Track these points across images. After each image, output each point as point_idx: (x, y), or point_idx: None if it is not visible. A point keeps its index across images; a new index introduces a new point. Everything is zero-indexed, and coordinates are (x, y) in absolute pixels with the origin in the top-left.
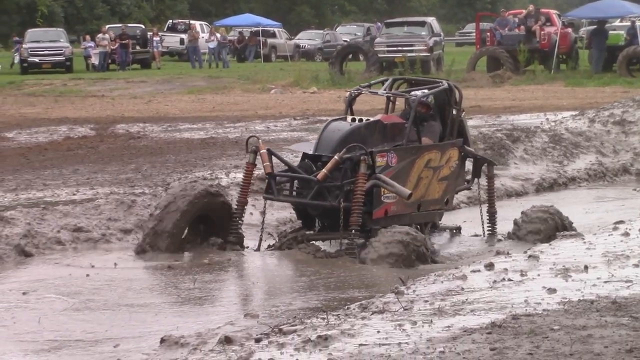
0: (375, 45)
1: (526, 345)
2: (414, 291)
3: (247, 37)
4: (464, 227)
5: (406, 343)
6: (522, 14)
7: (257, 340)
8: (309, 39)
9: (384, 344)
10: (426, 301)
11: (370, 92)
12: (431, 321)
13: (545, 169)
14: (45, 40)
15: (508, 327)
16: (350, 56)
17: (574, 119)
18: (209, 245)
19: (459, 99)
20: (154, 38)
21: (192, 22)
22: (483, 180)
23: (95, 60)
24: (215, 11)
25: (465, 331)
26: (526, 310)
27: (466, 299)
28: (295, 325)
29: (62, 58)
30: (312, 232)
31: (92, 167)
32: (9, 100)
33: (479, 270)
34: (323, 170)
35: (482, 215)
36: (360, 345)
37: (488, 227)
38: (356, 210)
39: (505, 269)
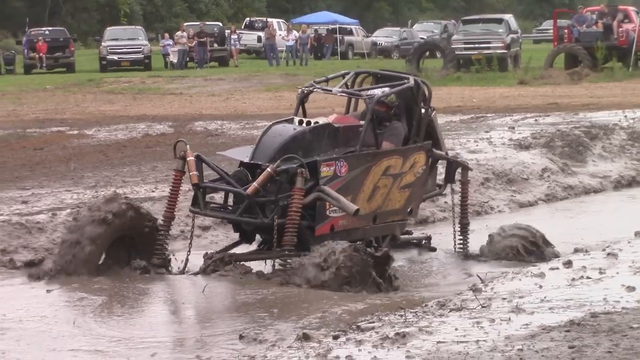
0: (452, 42)
1: (605, 344)
2: (491, 289)
3: (323, 35)
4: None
5: (484, 341)
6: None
7: (335, 337)
8: (386, 36)
9: (461, 342)
10: (504, 299)
11: (323, 89)
12: (509, 319)
13: (623, 167)
14: (124, 38)
15: (587, 325)
16: (427, 53)
17: None
18: (131, 269)
19: (427, 96)
20: (232, 36)
21: (269, 19)
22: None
23: (173, 58)
24: (293, 9)
25: (543, 329)
26: (605, 308)
27: (544, 297)
28: (373, 322)
29: (140, 56)
30: (241, 250)
31: (171, 164)
32: (89, 98)
33: (557, 268)
34: (254, 183)
35: (454, 227)
36: (438, 342)
37: (459, 240)
38: (290, 228)
39: (584, 267)
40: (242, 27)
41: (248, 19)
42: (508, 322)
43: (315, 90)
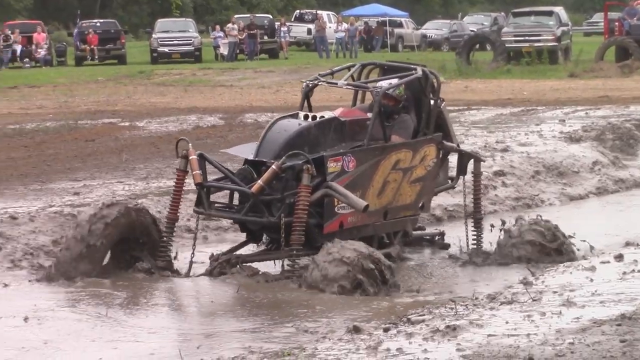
0: (502, 35)
1: None
2: (542, 282)
3: (373, 27)
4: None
5: (535, 334)
6: None
7: (386, 330)
8: (435, 28)
9: (512, 335)
10: (555, 292)
11: (327, 83)
12: (560, 312)
13: None
14: (175, 30)
15: (638, 319)
16: (478, 46)
17: None
18: (135, 272)
19: (437, 87)
20: (282, 28)
21: (319, 12)
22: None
23: (224, 50)
24: (343, 1)
25: (594, 323)
26: None
27: (595, 291)
28: (424, 315)
29: (191, 48)
30: (248, 251)
31: (221, 156)
32: (140, 90)
33: (608, 262)
34: (259, 181)
35: (466, 223)
36: (489, 335)
37: (473, 236)
38: (297, 227)
39: (635, 260)
40: (292, 19)
41: (298, 11)
42: (559, 316)
43: (320, 83)
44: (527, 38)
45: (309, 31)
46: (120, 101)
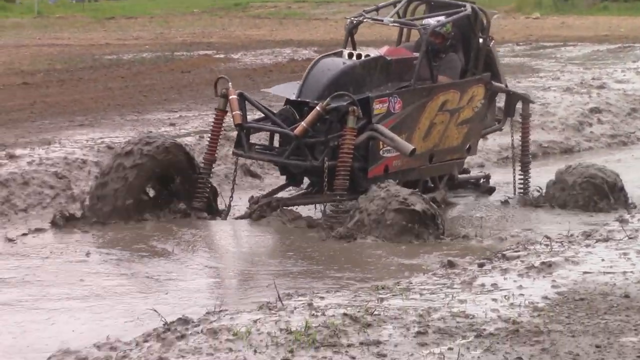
0: None
1: None
2: (639, 220)
3: None
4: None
5: (631, 272)
6: None
7: (480, 265)
8: None
9: (608, 272)
10: None
11: (373, 19)
12: None
13: None
14: None
15: None
16: None
17: None
18: (170, 213)
19: (486, 24)
20: None
21: None
22: None
23: None
24: None
25: None
26: None
27: None
28: (519, 251)
29: None
30: (289, 195)
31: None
32: (235, 22)
33: None
34: (302, 123)
35: (514, 168)
36: (584, 273)
37: (520, 181)
38: (342, 171)
39: None
40: None
41: None
42: None
43: (365, 20)
44: None
45: None
46: (215, 33)
